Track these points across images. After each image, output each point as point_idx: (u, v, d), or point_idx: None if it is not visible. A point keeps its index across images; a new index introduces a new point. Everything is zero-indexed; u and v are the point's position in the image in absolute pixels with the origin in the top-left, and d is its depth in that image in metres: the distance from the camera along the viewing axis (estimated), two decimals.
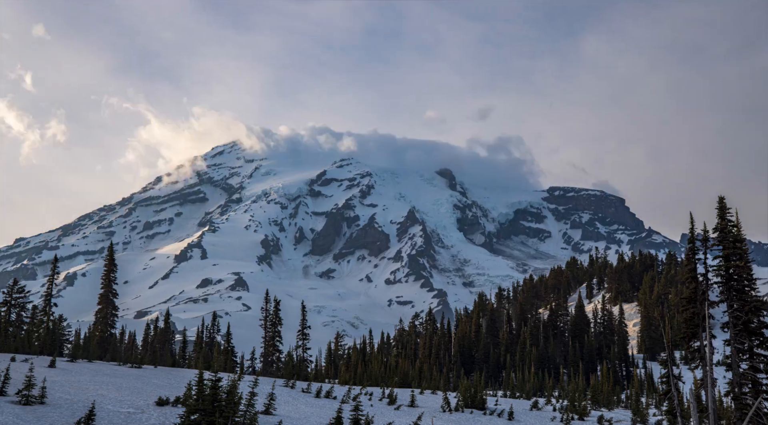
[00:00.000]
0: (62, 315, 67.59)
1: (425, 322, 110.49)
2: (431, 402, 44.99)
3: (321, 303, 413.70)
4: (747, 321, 30.71)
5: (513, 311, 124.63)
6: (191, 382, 29.43)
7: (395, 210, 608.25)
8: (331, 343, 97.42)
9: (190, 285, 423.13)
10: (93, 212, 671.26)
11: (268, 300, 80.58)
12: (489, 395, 55.63)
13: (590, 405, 55.56)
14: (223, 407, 23.27)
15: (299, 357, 79.52)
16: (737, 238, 31.59)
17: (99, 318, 70.23)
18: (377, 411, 37.61)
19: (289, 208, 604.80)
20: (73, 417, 25.64)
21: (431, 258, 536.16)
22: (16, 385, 28.64)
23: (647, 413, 51.45)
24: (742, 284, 31.31)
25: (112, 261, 71.73)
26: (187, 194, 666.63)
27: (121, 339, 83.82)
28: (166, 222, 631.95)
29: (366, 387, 52.91)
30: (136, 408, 28.99)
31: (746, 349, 30.95)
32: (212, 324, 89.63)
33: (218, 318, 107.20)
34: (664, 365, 32.53)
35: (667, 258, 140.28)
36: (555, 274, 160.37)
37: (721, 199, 32.25)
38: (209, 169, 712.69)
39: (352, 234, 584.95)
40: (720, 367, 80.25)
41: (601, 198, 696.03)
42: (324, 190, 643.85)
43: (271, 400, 32.32)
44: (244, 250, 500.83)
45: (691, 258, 32.95)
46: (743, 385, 30.55)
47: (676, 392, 32.09)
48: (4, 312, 60.62)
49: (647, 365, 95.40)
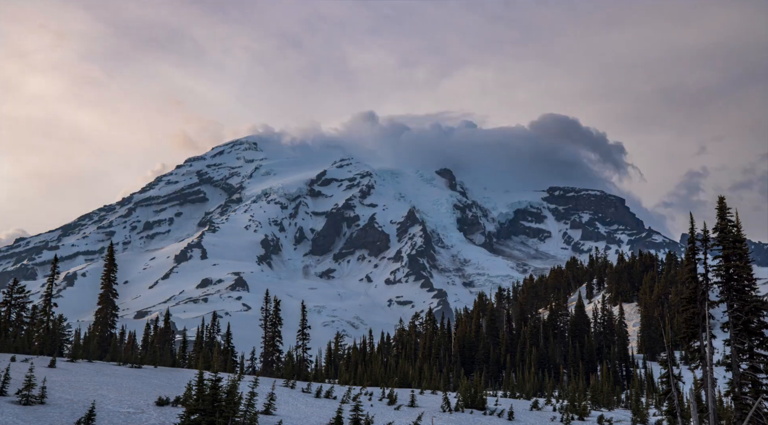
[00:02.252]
0: (62, 315, 67.53)
1: (425, 322, 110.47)
2: (431, 402, 44.98)
3: (321, 303, 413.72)
4: (747, 321, 30.70)
5: (513, 311, 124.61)
6: (191, 382, 29.44)
7: (395, 210, 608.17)
8: (331, 343, 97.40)
9: (190, 285, 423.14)
10: (93, 212, 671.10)
11: (268, 300, 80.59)
12: (489, 395, 55.62)
13: (590, 405, 55.57)
14: (223, 407, 23.27)
15: (299, 357, 79.53)
16: (737, 238, 31.58)
17: (99, 318, 70.22)
18: (377, 411, 37.60)
19: (289, 207, 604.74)
20: (73, 417, 25.63)
21: (431, 258, 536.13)
22: (16, 385, 28.63)
23: (647, 413, 51.44)
24: (742, 284, 31.30)
25: (112, 261, 71.71)
26: (187, 194, 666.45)
27: (121, 339, 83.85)
28: (166, 222, 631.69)
29: (366, 387, 52.91)
30: (136, 408, 28.99)
31: (746, 349, 30.94)
32: (212, 324, 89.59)
33: (218, 318, 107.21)
34: (664, 365, 32.53)
35: (667, 258, 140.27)
36: (555, 274, 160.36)
37: (721, 199, 32.25)
38: (209, 169, 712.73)
39: (352, 234, 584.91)
40: (720, 367, 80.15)
41: (601, 198, 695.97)
42: (324, 190, 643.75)
43: (271, 400, 32.32)
44: (244, 250, 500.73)
45: (691, 258, 32.94)
46: (743, 385, 30.54)
47: (676, 392, 32.09)
48: (4, 312, 60.62)
49: (647, 365, 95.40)
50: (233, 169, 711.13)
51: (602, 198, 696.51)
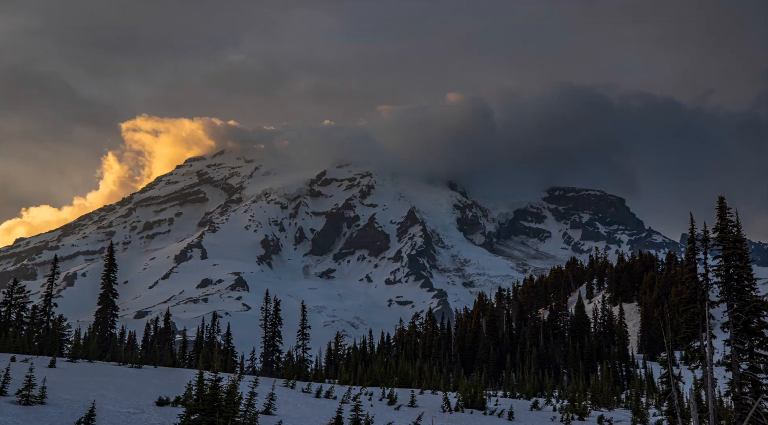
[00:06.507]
0: (62, 315, 67.49)
1: (425, 322, 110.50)
2: (431, 402, 44.95)
3: (321, 303, 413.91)
4: (747, 321, 30.69)
5: (513, 311, 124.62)
6: (191, 382, 29.40)
7: (395, 210, 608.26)
8: (331, 343, 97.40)
9: (190, 285, 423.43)
10: (93, 212, 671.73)
11: (268, 300, 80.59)
12: (489, 395, 55.58)
13: (590, 405, 55.54)
14: (223, 407, 23.27)
15: (299, 357, 79.54)
16: (737, 238, 31.55)
17: (99, 318, 70.15)
18: (377, 411, 37.59)
19: (289, 207, 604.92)
20: (73, 417, 25.63)
21: (431, 258, 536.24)
22: (16, 385, 28.61)
23: (647, 413, 51.39)
24: (742, 284, 31.28)
25: (112, 261, 71.65)
26: (187, 194, 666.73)
27: (121, 339, 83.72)
28: (166, 222, 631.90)
29: (366, 387, 52.87)
30: (136, 408, 28.99)
31: (746, 349, 30.93)
32: (212, 324, 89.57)
33: (218, 318, 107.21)
34: (664, 365, 32.52)
35: (667, 258, 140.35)
36: (555, 274, 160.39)
37: (721, 199, 32.22)
38: (209, 169, 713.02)
39: (352, 235, 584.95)
40: (720, 367, 79.91)
41: (601, 198, 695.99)
42: (324, 190, 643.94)
43: (271, 400, 32.31)
44: (244, 250, 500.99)
45: (691, 259, 32.93)
46: (743, 385, 30.53)
47: (676, 392, 32.09)
48: (4, 312, 60.65)
49: (647, 365, 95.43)
50: (233, 169, 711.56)
51: (602, 198, 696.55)
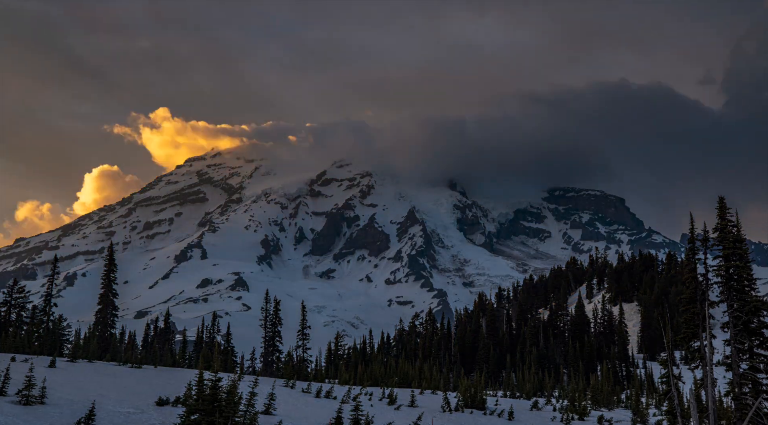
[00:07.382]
0: (62, 315, 67.57)
1: (425, 322, 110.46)
2: (431, 402, 44.95)
3: (321, 303, 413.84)
4: (747, 321, 30.70)
5: (513, 311, 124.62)
6: (191, 382, 29.40)
7: (395, 210, 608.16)
8: (331, 343, 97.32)
9: (190, 285, 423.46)
10: (93, 212, 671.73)
11: (268, 300, 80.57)
12: (489, 395, 55.58)
13: (590, 405, 55.54)
14: (223, 407, 23.27)
15: (299, 357, 79.51)
16: (737, 238, 31.57)
17: (99, 318, 70.13)
18: (377, 411, 37.58)
19: (289, 207, 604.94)
20: (73, 417, 25.64)
21: (431, 258, 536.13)
22: (16, 385, 28.61)
23: (647, 413, 51.41)
24: (742, 284, 31.29)
25: (112, 261, 71.62)
26: (187, 194, 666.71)
27: (121, 339, 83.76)
28: (166, 222, 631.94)
29: (366, 387, 52.85)
30: (136, 408, 28.99)
31: (746, 349, 30.95)
32: (212, 324, 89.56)
33: (218, 318, 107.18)
34: (664, 365, 32.53)
35: (667, 258, 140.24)
36: (555, 274, 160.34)
37: (721, 199, 32.23)
38: (209, 169, 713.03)
39: (352, 235, 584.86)
40: (720, 367, 79.91)
41: (601, 198, 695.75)
42: (324, 190, 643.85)
43: (271, 400, 32.31)
44: (244, 250, 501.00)
45: (691, 259, 32.95)
46: (743, 385, 30.54)
47: (676, 392, 32.09)
48: (4, 312, 60.65)
49: (647, 365, 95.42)
50: (233, 169, 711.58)
51: (602, 198, 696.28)
